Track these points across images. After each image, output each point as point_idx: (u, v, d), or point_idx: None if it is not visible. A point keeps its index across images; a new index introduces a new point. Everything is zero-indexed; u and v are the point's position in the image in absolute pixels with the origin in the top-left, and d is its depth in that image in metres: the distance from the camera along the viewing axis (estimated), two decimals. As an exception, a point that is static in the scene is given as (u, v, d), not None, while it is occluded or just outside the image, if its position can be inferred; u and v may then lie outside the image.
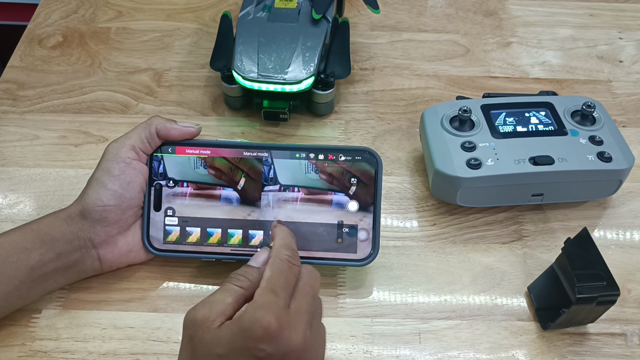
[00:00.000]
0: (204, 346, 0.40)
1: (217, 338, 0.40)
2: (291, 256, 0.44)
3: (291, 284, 0.43)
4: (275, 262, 0.44)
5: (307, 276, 0.44)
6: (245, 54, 0.63)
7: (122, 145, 0.51)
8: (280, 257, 0.44)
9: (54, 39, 0.77)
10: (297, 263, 0.44)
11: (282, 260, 0.44)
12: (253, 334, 0.39)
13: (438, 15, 0.82)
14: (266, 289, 0.41)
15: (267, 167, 0.52)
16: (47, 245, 0.48)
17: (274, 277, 0.42)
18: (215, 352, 0.40)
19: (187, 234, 0.53)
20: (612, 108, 0.70)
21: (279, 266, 0.43)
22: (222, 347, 0.40)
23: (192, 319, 0.41)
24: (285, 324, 0.40)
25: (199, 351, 0.40)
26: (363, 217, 0.52)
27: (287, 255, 0.44)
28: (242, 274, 0.44)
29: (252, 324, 0.39)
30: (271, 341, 0.39)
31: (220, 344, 0.40)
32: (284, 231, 0.48)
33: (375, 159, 0.52)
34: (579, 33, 0.80)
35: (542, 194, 0.57)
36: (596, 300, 0.47)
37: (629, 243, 0.58)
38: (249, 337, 0.39)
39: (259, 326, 0.39)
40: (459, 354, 0.50)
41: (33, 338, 0.50)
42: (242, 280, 0.43)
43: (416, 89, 0.72)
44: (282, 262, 0.43)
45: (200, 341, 0.40)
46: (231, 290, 0.43)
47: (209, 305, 0.42)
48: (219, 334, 0.40)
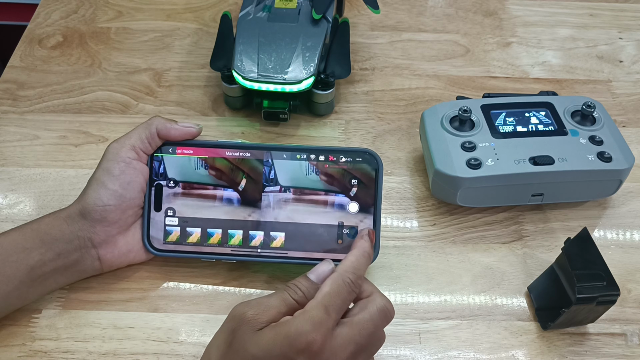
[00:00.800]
0: (243, 343, 0.40)
1: (257, 339, 0.40)
2: (353, 282, 0.43)
3: (346, 306, 0.42)
4: (338, 281, 0.42)
5: (375, 313, 0.42)
6: (245, 54, 0.63)
7: (123, 145, 0.51)
8: (344, 279, 0.43)
9: (54, 39, 0.77)
10: (356, 289, 0.43)
11: (345, 283, 0.43)
12: (295, 345, 0.39)
13: (438, 15, 0.82)
14: (321, 305, 0.41)
15: (268, 168, 0.52)
16: (47, 245, 0.48)
17: (332, 295, 0.41)
18: (251, 352, 0.40)
19: (188, 234, 0.53)
20: (612, 108, 0.70)
21: (340, 287, 0.42)
22: (260, 349, 0.39)
23: (241, 314, 0.41)
24: (328, 346, 0.40)
25: (236, 346, 0.40)
26: (363, 218, 0.52)
27: (350, 279, 0.43)
28: (300, 287, 0.43)
29: (298, 335, 0.39)
30: (310, 356, 0.39)
31: (259, 345, 0.40)
32: (362, 249, 0.46)
33: (375, 160, 0.52)
34: (579, 33, 0.80)
35: (542, 194, 0.57)
36: (596, 300, 0.47)
37: (629, 243, 0.58)
38: (290, 345, 0.39)
39: (304, 340, 0.39)
40: (459, 354, 0.50)
41: (33, 338, 0.50)
42: (298, 293, 0.43)
43: (416, 89, 0.72)
44: (344, 285, 0.42)
45: (241, 337, 0.40)
46: (286, 300, 0.42)
47: (263, 308, 0.41)
48: (260, 336, 0.40)
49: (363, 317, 0.42)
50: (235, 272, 0.55)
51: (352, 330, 0.41)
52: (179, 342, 0.50)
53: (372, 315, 0.42)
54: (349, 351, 0.41)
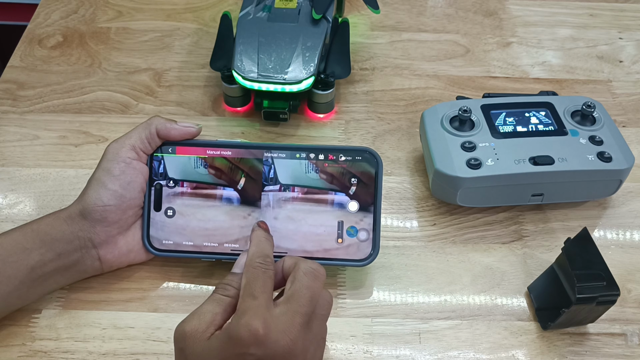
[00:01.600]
0: (196, 357, 0.40)
1: (207, 349, 0.40)
2: (263, 262, 0.44)
3: (269, 286, 0.43)
4: (249, 270, 0.44)
5: (303, 278, 0.43)
6: (245, 54, 0.63)
7: (123, 145, 0.51)
8: (252, 266, 0.44)
9: (54, 39, 0.77)
10: (270, 267, 0.44)
11: (255, 268, 0.44)
12: (241, 341, 0.39)
13: (438, 15, 0.82)
14: (245, 295, 0.42)
15: (267, 167, 0.52)
16: (47, 245, 0.48)
17: (250, 283, 0.42)
18: None
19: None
20: (612, 108, 0.70)
21: (253, 273, 0.43)
22: (213, 357, 0.40)
23: (182, 332, 0.41)
24: (272, 326, 0.40)
25: None
26: (363, 217, 0.52)
27: (258, 262, 0.44)
28: (227, 283, 0.44)
29: (239, 330, 0.39)
30: (259, 345, 0.39)
31: (211, 354, 0.40)
32: (258, 237, 0.47)
33: (375, 159, 0.52)
34: (579, 33, 0.80)
35: (542, 194, 0.57)
36: (596, 300, 0.47)
37: (629, 243, 0.58)
38: (237, 343, 0.39)
39: (246, 331, 0.39)
40: (459, 354, 0.50)
41: (33, 338, 0.50)
42: (227, 289, 0.44)
43: (416, 89, 0.72)
44: (255, 269, 0.43)
45: (192, 354, 0.41)
46: (218, 300, 0.43)
47: (197, 317, 0.42)
48: (209, 345, 0.40)
49: (294, 287, 0.43)
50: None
51: (290, 303, 0.42)
52: (179, 342, 0.50)
53: (301, 282, 0.43)
54: (297, 323, 0.41)
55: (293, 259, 0.45)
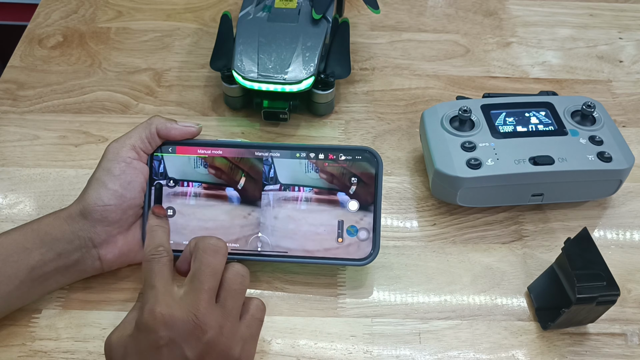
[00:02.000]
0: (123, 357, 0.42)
1: (127, 348, 0.42)
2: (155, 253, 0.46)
3: (165, 272, 0.44)
4: (144, 264, 0.45)
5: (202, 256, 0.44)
6: (245, 54, 0.63)
7: (123, 145, 0.51)
8: (146, 259, 0.45)
9: (54, 39, 0.77)
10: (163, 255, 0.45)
11: (149, 260, 0.45)
12: (148, 327, 0.41)
13: (438, 15, 0.82)
14: (145, 288, 0.44)
15: (268, 167, 0.52)
16: (48, 245, 0.48)
17: (146, 276, 0.44)
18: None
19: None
20: (612, 108, 0.70)
21: (147, 266, 0.45)
22: (131, 354, 0.42)
23: (108, 344, 0.43)
24: (176, 307, 0.41)
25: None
26: (363, 216, 0.52)
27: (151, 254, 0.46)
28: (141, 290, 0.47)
29: (143, 318, 0.41)
30: (167, 326, 0.41)
31: (131, 351, 0.42)
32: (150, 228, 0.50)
33: (375, 159, 0.52)
34: (579, 33, 0.80)
35: (542, 194, 0.57)
36: (596, 300, 0.47)
37: (629, 243, 0.58)
38: (146, 331, 0.41)
39: (150, 317, 0.41)
40: (459, 354, 0.50)
41: (33, 338, 0.50)
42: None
43: (416, 89, 0.72)
44: (149, 262, 0.45)
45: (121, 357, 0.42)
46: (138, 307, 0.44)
47: (121, 327, 0.44)
48: (127, 344, 0.42)
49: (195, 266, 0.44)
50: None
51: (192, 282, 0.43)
52: (179, 342, 0.50)
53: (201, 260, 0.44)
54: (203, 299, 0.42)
55: (194, 240, 0.46)
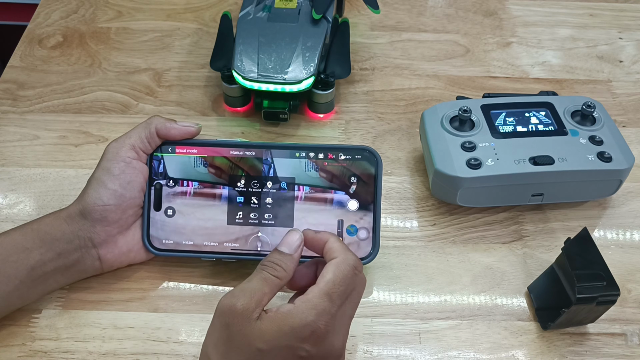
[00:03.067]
0: (244, 337, 0.40)
1: (259, 332, 0.40)
2: (356, 262, 0.43)
3: (348, 293, 0.42)
4: (342, 266, 0.42)
5: (359, 283, 0.43)
6: (245, 54, 0.63)
7: (122, 144, 0.51)
8: (347, 262, 0.43)
9: (54, 39, 0.77)
10: (360, 270, 0.44)
11: (349, 266, 0.42)
12: (301, 334, 0.39)
13: (438, 15, 0.82)
14: (324, 292, 0.41)
15: (267, 166, 0.52)
16: (47, 245, 0.48)
17: (335, 281, 0.41)
18: (257, 345, 0.40)
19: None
20: (612, 108, 0.70)
21: (344, 271, 0.42)
22: (264, 342, 0.39)
23: (231, 307, 0.40)
24: (331, 329, 0.40)
25: (237, 341, 0.40)
26: (363, 215, 0.52)
27: (353, 260, 0.43)
28: (277, 263, 0.43)
29: (303, 325, 0.39)
30: (316, 343, 0.40)
31: (264, 339, 0.40)
32: (334, 235, 0.46)
33: (375, 158, 0.52)
34: (579, 33, 0.80)
35: (542, 194, 0.57)
36: (596, 300, 0.47)
37: (629, 243, 0.58)
38: (295, 336, 0.39)
39: (309, 328, 0.39)
40: (459, 354, 0.50)
41: (33, 338, 0.50)
42: (278, 270, 0.43)
43: (416, 89, 0.72)
44: (348, 268, 0.42)
45: (240, 331, 0.40)
46: (268, 279, 0.42)
47: (248, 294, 0.41)
48: (262, 328, 0.40)
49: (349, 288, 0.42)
50: (235, 272, 0.55)
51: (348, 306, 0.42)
52: (179, 342, 0.50)
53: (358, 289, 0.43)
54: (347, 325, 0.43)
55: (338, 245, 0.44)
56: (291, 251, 0.44)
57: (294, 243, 0.45)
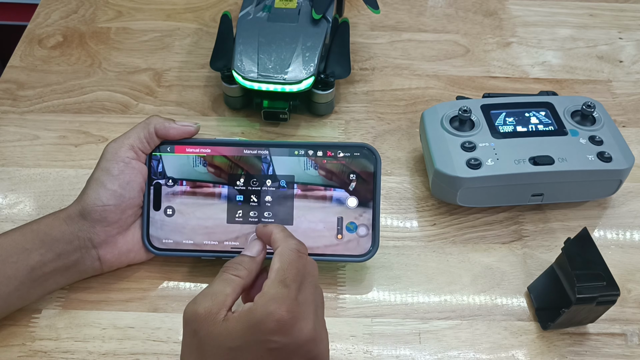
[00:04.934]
0: (213, 340, 0.40)
1: (226, 331, 0.40)
2: (298, 244, 0.44)
3: (301, 274, 0.42)
4: (285, 252, 0.43)
5: (309, 266, 0.44)
6: (245, 54, 0.63)
7: (121, 145, 0.51)
8: (289, 247, 0.43)
9: (54, 39, 0.77)
10: (305, 252, 0.44)
11: (292, 250, 0.43)
12: (266, 327, 0.39)
13: (438, 15, 0.82)
14: (276, 281, 0.41)
15: (266, 165, 0.52)
16: (47, 246, 0.48)
17: (284, 268, 0.42)
18: (227, 345, 0.40)
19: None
20: (612, 108, 0.70)
21: (289, 256, 0.43)
22: (233, 341, 0.40)
23: (194, 313, 0.41)
24: (296, 315, 0.40)
25: (208, 345, 0.40)
26: (362, 212, 0.52)
27: (294, 244, 0.44)
28: (238, 263, 0.44)
29: (265, 317, 0.39)
30: (284, 333, 0.40)
31: (231, 337, 0.40)
32: (279, 226, 0.47)
33: (373, 155, 0.52)
34: (579, 33, 0.80)
35: (542, 194, 0.57)
36: (596, 300, 0.47)
37: (629, 243, 0.58)
38: (261, 329, 0.39)
39: (272, 319, 0.39)
40: (459, 354, 0.50)
41: (33, 338, 0.50)
42: (239, 269, 0.44)
43: (416, 89, 0.72)
44: (292, 252, 0.43)
45: (207, 335, 0.40)
46: (229, 280, 0.43)
47: (209, 298, 0.41)
48: (228, 327, 0.40)
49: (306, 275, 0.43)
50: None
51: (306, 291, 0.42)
52: (179, 342, 0.50)
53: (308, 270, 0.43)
54: (312, 310, 0.42)
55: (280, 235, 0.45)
56: (253, 254, 0.46)
57: (257, 248, 0.46)
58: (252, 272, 0.44)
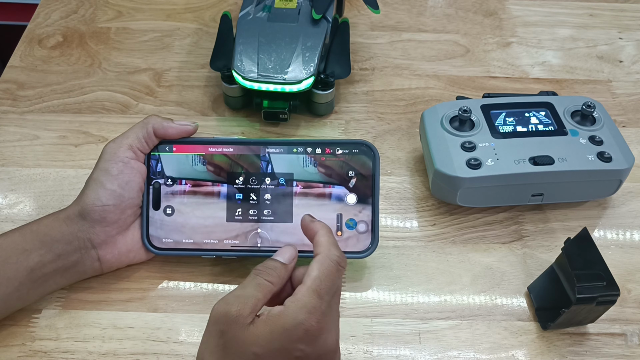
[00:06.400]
0: (239, 344, 0.40)
1: (253, 336, 0.39)
2: (340, 257, 0.43)
3: (335, 287, 0.42)
4: (325, 262, 0.42)
5: (341, 278, 0.44)
6: (245, 54, 0.63)
7: (120, 145, 0.51)
8: (330, 258, 0.42)
9: (54, 39, 0.77)
10: (344, 265, 0.43)
11: (332, 262, 0.42)
12: (294, 335, 0.39)
13: (438, 15, 0.82)
14: (312, 290, 0.41)
15: (265, 163, 0.52)
16: (47, 246, 0.48)
17: (321, 278, 0.41)
18: (252, 350, 0.39)
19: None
20: (612, 108, 0.70)
21: (329, 267, 0.42)
22: (259, 347, 0.39)
23: (225, 314, 0.40)
24: (324, 326, 0.40)
25: (233, 348, 0.40)
26: (362, 209, 0.52)
27: (337, 256, 0.43)
28: (272, 269, 0.43)
29: (296, 326, 0.39)
30: (310, 343, 0.40)
31: (258, 343, 0.39)
32: (326, 228, 0.45)
33: (372, 152, 0.52)
34: (579, 33, 0.80)
35: (542, 194, 0.57)
36: (596, 300, 0.47)
37: (629, 243, 0.58)
38: (289, 337, 0.39)
39: (302, 328, 0.39)
40: (459, 354, 0.50)
41: (33, 338, 0.50)
42: (272, 276, 0.43)
43: (416, 89, 0.72)
44: (332, 264, 0.42)
45: (234, 338, 0.40)
46: (262, 285, 0.42)
47: (242, 301, 0.41)
48: (255, 332, 0.40)
49: (335, 284, 0.42)
50: (236, 271, 0.55)
51: (334, 302, 0.42)
52: (179, 342, 0.50)
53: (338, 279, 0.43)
54: (337, 321, 0.43)
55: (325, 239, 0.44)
56: (285, 261, 0.45)
57: (289, 254, 0.45)
58: (283, 280, 0.44)
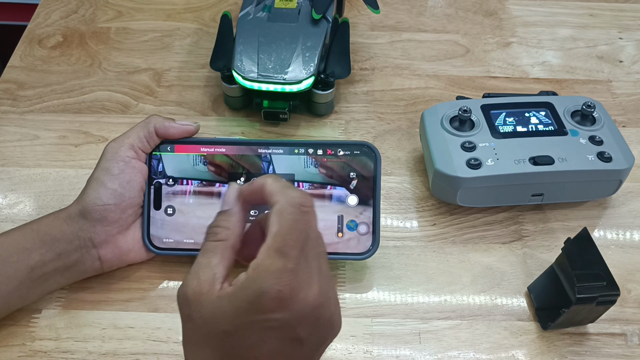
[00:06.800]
0: (206, 323, 0.35)
1: (220, 313, 0.34)
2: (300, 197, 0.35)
3: (304, 234, 0.35)
4: (285, 212, 0.35)
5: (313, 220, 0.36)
6: (245, 54, 0.63)
7: (121, 144, 0.51)
8: (290, 204, 0.35)
9: (54, 39, 0.77)
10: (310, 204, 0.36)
11: (293, 208, 0.35)
12: (263, 306, 0.33)
13: (438, 15, 0.82)
14: (273, 250, 0.34)
15: (267, 163, 0.52)
16: (47, 245, 0.48)
17: (282, 233, 0.34)
18: (221, 328, 0.35)
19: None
20: (612, 108, 0.70)
21: (290, 217, 0.35)
22: (228, 324, 0.34)
23: (184, 297, 0.36)
24: (298, 285, 0.34)
25: (202, 329, 0.35)
26: (363, 210, 0.52)
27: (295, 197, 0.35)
28: (217, 225, 0.38)
29: (259, 296, 0.33)
30: (285, 308, 0.34)
31: (225, 319, 0.34)
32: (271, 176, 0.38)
33: (373, 153, 0.52)
34: (579, 33, 0.80)
35: (542, 194, 0.57)
36: (596, 300, 0.47)
37: (629, 243, 0.58)
38: (257, 309, 0.34)
39: (269, 296, 0.33)
40: (459, 354, 0.50)
41: (33, 338, 0.50)
42: (219, 233, 0.38)
43: (416, 89, 0.72)
44: (293, 211, 0.35)
45: (200, 318, 0.35)
46: (212, 247, 0.37)
47: (195, 276, 0.36)
48: (220, 307, 0.34)
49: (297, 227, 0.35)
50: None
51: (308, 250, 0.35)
52: (179, 342, 0.50)
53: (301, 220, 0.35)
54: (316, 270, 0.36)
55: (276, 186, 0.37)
56: (230, 206, 0.38)
57: (230, 197, 0.39)
58: (236, 227, 0.38)
